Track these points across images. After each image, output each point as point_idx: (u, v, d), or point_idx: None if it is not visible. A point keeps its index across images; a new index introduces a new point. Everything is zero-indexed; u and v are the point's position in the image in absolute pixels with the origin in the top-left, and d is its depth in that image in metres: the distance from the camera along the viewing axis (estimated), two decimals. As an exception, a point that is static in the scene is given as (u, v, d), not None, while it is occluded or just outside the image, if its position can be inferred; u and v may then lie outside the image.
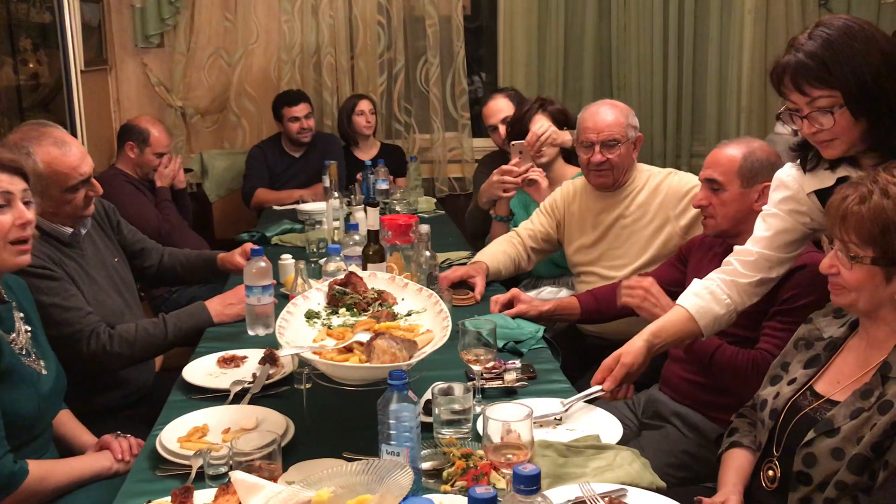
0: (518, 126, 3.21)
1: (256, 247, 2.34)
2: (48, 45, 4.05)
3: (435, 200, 4.30)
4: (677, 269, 2.44)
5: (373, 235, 2.19)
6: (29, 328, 1.87)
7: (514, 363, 2.01)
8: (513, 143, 3.06)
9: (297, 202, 3.93)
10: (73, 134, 4.19)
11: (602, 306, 2.55)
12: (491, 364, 1.97)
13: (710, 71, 4.87)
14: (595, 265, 2.80)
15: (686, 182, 2.68)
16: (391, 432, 1.40)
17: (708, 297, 1.94)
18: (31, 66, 3.90)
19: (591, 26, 4.82)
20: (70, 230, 2.23)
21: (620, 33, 4.83)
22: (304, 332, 1.79)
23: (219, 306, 2.36)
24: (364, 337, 1.66)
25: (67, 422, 2.04)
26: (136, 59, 4.77)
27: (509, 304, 2.49)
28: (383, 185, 3.98)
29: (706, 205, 2.22)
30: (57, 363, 1.93)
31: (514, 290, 2.53)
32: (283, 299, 2.35)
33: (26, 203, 1.78)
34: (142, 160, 3.55)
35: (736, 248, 1.98)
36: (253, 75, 4.80)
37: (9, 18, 3.65)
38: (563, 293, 3.15)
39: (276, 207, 4.15)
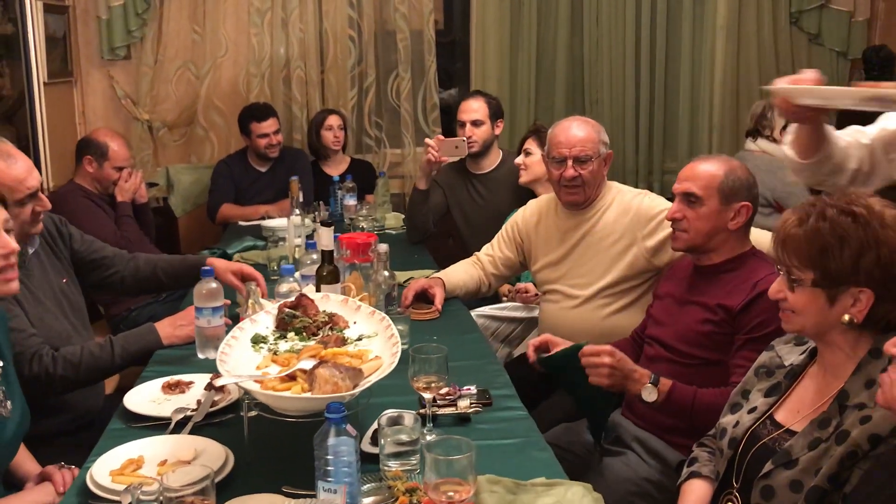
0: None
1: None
2: (11, 56, 3.98)
3: (403, 217, 4.24)
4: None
5: (327, 256, 2.13)
6: (0, 363, 1.80)
7: (469, 389, 1.95)
8: (463, 138, 3.47)
9: (262, 218, 3.86)
10: (35, 148, 4.12)
11: None
12: (445, 390, 1.91)
13: (683, 87, 4.86)
14: (559, 283, 2.75)
15: (657, 204, 2.64)
16: (329, 468, 1.34)
17: None
18: (-9, 78, 3.82)
19: (564, 41, 4.79)
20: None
21: (593, 48, 4.80)
22: (248, 358, 1.72)
23: (168, 328, 2.27)
24: (308, 364, 1.60)
25: None
26: (103, 72, 4.68)
27: (545, 348, 2.31)
28: (351, 201, 3.92)
29: (680, 218, 2.17)
30: (23, 401, 1.84)
31: (547, 336, 2.31)
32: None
33: (7, 231, 1.73)
34: (100, 174, 3.47)
35: None
36: (221, 88, 4.72)
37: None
38: (521, 311, 3.11)
39: (241, 223, 4.07)
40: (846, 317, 1.49)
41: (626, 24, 4.75)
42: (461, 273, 2.85)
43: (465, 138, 3.47)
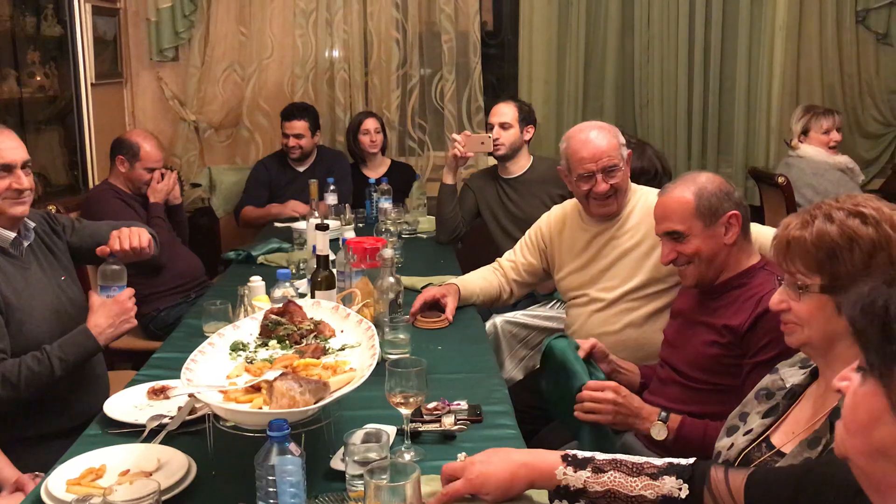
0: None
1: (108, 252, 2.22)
2: (61, 58, 4.06)
3: (436, 219, 4.16)
4: None
5: (322, 261, 2.06)
6: None
7: (459, 404, 1.86)
8: (489, 134, 3.51)
9: (296, 219, 3.84)
10: (82, 148, 4.20)
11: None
12: (433, 405, 1.83)
13: (739, 90, 4.63)
14: (587, 287, 2.64)
15: None
16: (270, 489, 1.26)
17: None
18: (38, 78, 3.90)
19: (613, 42, 4.63)
20: (12, 235, 2.14)
21: (643, 49, 4.63)
22: (219, 367, 1.67)
23: (102, 327, 2.11)
24: (274, 375, 1.53)
25: None
26: (152, 73, 4.76)
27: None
28: (386, 204, 3.86)
29: (675, 256, 2.06)
30: None
31: (594, 341, 2.18)
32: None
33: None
34: (132, 175, 3.49)
35: None
36: (267, 90, 4.74)
37: (15, 31, 3.66)
38: (554, 322, 3.01)
39: (275, 224, 4.06)
40: None
41: (679, 25, 4.55)
42: (479, 280, 2.76)
43: (490, 135, 3.44)
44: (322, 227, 2.07)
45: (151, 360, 2.19)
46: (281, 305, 1.89)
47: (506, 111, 3.52)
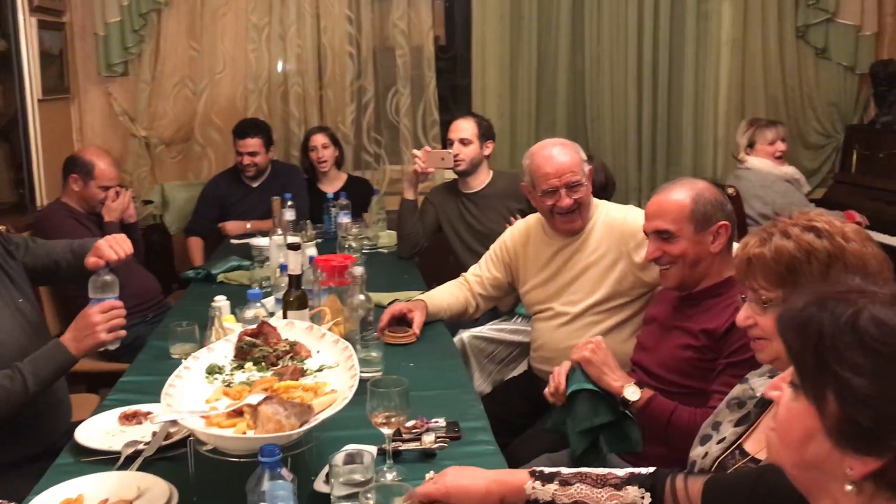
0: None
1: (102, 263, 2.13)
2: (4, 73, 3.95)
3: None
4: None
5: (294, 280, 2.05)
6: None
7: (437, 421, 1.87)
8: (449, 150, 3.53)
9: (253, 236, 3.80)
10: (29, 165, 4.09)
11: None
12: (411, 423, 1.83)
13: (686, 103, 4.76)
14: (551, 301, 2.68)
15: (642, 219, 2.55)
16: (262, 514, 1.25)
17: None
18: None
19: (564, 56, 4.71)
20: None
21: (594, 64, 4.72)
22: (198, 391, 1.65)
23: (77, 340, 2.02)
24: (256, 399, 1.52)
25: None
26: (101, 88, 4.67)
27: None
28: (345, 219, 3.85)
29: (660, 255, 2.10)
30: None
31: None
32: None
33: None
34: (86, 193, 3.42)
35: None
36: (219, 105, 4.69)
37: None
38: (521, 335, 3.04)
39: (232, 241, 4.01)
40: None
41: (627, 40, 4.66)
42: (445, 295, 2.78)
43: (451, 151, 3.49)
44: (294, 247, 2.06)
45: (119, 385, 2.14)
46: (255, 327, 1.87)
47: (465, 127, 3.55)
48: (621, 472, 1.40)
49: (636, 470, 1.40)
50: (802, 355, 0.95)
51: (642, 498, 1.36)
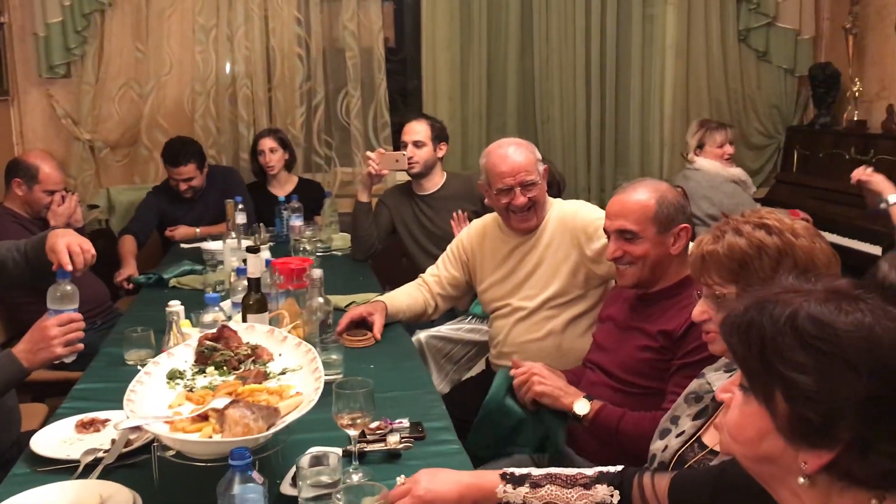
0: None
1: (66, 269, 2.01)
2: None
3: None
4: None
5: (254, 283, 2.03)
6: None
7: (401, 422, 1.87)
8: (403, 152, 3.51)
9: (204, 240, 3.74)
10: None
11: None
12: (375, 424, 1.83)
13: (633, 104, 4.84)
14: (509, 297, 2.71)
15: (593, 213, 2.62)
16: (233, 518, 1.24)
17: None
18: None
19: (514, 59, 4.75)
20: None
21: (543, 66, 4.77)
22: (161, 396, 1.63)
23: (31, 353, 1.93)
24: (221, 403, 1.51)
25: None
26: (41, 90, 4.55)
27: None
28: (297, 222, 3.82)
29: (621, 255, 2.12)
30: None
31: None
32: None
33: None
34: (30, 198, 3.33)
35: None
36: (166, 107, 4.62)
37: None
38: (478, 334, 3.06)
39: (182, 245, 3.95)
40: None
41: (575, 42, 4.72)
42: (405, 297, 2.78)
43: (405, 153, 3.49)
44: (253, 250, 2.04)
45: (74, 392, 2.09)
46: (215, 331, 1.85)
47: (419, 129, 3.55)
48: (590, 471, 1.44)
49: (605, 469, 1.43)
50: (748, 360, 0.98)
51: (611, 496, 1.39)
